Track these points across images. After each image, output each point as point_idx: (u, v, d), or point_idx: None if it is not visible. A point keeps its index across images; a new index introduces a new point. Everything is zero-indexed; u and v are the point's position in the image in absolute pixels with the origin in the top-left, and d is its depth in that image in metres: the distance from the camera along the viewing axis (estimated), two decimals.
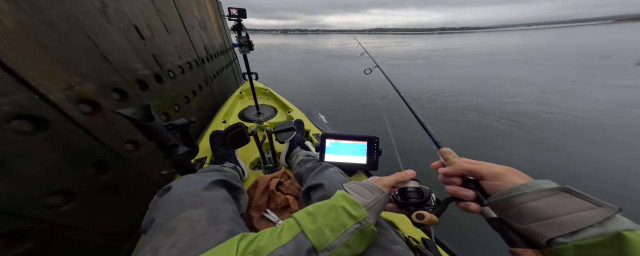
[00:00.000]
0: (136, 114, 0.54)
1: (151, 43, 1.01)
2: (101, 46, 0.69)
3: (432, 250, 0.55)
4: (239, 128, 0.74)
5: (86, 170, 0.57)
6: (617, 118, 2.55)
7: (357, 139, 0.80)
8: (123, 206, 0.70)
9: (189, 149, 0.66)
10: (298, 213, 0.37)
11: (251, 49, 1.09)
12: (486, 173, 0.30)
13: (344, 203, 0.35)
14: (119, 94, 0.75)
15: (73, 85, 0.57)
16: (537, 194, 0.24)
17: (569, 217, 0.22)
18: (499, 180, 0.28)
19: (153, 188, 0.84)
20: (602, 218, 0.20)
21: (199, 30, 1.81)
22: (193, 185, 0.46)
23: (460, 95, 3.61)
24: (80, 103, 0.59)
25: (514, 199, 0.25)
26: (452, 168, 0.35)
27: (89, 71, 0.63)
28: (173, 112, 1.12)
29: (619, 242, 0.19)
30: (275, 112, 1.64)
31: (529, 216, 0.24)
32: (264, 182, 0.73)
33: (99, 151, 0.63)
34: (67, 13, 0.58)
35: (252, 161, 1.08)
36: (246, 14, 1.00)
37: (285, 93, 1.93)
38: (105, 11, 0.74)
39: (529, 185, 0.25)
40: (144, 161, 0.81)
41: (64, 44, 0.56)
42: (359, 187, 0.40)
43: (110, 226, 0.65)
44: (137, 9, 0.94)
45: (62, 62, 0.56)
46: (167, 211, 0.39)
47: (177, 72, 1.25)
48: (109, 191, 0.64)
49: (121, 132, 0.72)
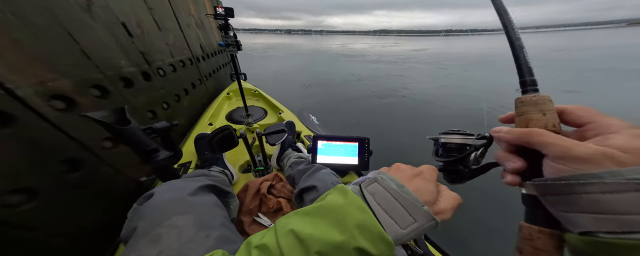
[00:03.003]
0: (108, 117, 0.51)
1: (140, 40, 1.01)
2: (82, 42, 0.69)
3: (422, 247, 0.56)
4: (226, 130, 0.72)
5: (54, 168, 0.57)
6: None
7: (348, 140, 0.81)
8: (95, 205, 0.69)
9: (171, 153, 0.62)
10: (283, 234, 0.23)
11: (239, 49, 1.08)
12: (557, 154, 0.20)
13: (363, 241, 0.22)
14: (99, 91, 0.75)
15: (45, 81, 0.57)
16: (621, 186, 0.16)
17: (632, 217, 0.16)
18: (574, 166, 0.18)
19: (132, 186, 0.83)
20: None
21: (196, 29, 1.81)
22: (178, 191, 0.42)
23: None
24: (53, 99, 0.59)
25: (575, 187, 0.18)
26: (508, 132, 0.24)
27: (65, 67, 0.63)
28: (161, 110, 1.12)
29: None
30: (265, 114, 1.61)
31: (579, 206, 0.18)
32: (255, 185, 0.72)
33: (71, 148, 0.62)
34: (43, 8, 0.58)
35: (241, 164, 1.06)
36: (234, 13, 0.99)
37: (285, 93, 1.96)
38: (89, 8, 0.74)
39: (620, 172, 0.16)
40: (124, 159, 0.80)
41: (38, 39, 0.56)
42: (389, 198, 0.25)
43: (78, 226, 0.64)
44: (126, 7, 0.94)
45: (35, 57, 0.55)
46: (151, 219, 0.35)
47: (168, 70, 1.25)
48: (78, 189, 0.63)
49: (98, 128, 0.71)
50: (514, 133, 0.23)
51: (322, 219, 0.24)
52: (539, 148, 0.21)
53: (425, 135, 0.38)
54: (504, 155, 0.25)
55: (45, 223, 0.55)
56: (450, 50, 13.54)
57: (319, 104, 3.23)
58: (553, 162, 0.20)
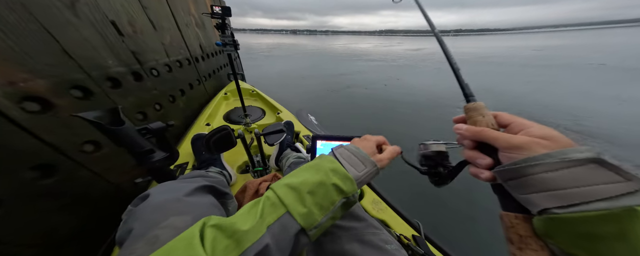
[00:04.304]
0: (101, 118, 0.49)
1: (132, 40, 0.98)
2: (63, 41, 0.65)
3: (422, 247, 0.56)
4: (224, 131, 0.70)
5: (22, 175, 0.53)
6: None
7: (347, 139, 0.82)
8: (71, 212, 0.65)
9: (166, 154, 0.60)
10: (278, 187, 0.32)
11: (237, 49, 1.06)
12: (503, 145, 0.25)
13: (335, 179, 0.32)
14: (81, 92, 0.71)
15: (16, 82, 0.53)
16: (557, 165, 0.20)
17: (581, 190, 0.19)
18: (517, 153, 0.23)
19: (113, 191, 0.80)
20: (621, 192, 0.18)
21: (195, 28, 1.79)
22: (174, 192, 0.41)
23: None
24: (25, 101, 0.55)
25: (526, 169, 0.22)
26: (467, 130, 0.30)
27: (41, 67, 0.59)
28: (153, 111, 1.08)
29: (629, 218, 0.17)
30: (263, 114, 1.59)
31: (532, 187, 0.22)
32: (254, 185, 0.69)
33: (45, 153, 0.58)
34: (17, 4, 0.54)
35: (239, 165, 1.05)
36: (231, 12, 0.97)
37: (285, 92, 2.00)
38: (73, 5, 0.71)
39: (552, 154, 0.21)
40: (107, 163, 0.76)
41: (9, 37, 0.52)
42: (350, 155, 0.37)
43: (52, 235, 0.60)
44: (117, 5, 0.91)
45: (4, 57, 0.52)
46: (147, 221, 0.34)
47: (163, 70, 1.22)
48: (51, 197, 0.59)
49: (78, 132, 0.68)
50: (472, 130, 0.29)
51: (306, 172, 0.34)
52: (492, 142, 0.26)
53: (422, 135, 0.49)
54: (473, 154, 0.29)
55: (11, 235, 0.51)
56: (453, 50, 13.51)
57: (319, 106, 3.21)
58: (503, 152, 0.25)
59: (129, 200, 0.41)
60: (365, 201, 0.79)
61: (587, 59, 8.24)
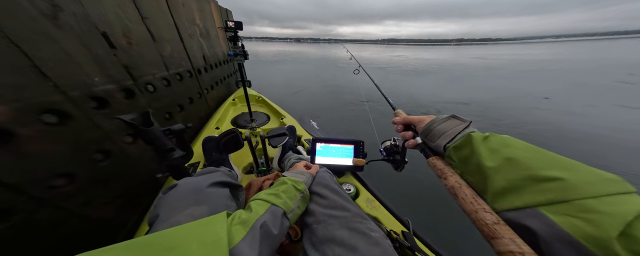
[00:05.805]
0: (136, 120, 0.58)
1: (125, 53, 0.88)
2: (36, 56, 0.55)
3: (410, 241, 0.61)
4: (233, 133, 0.78)
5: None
6: None
7: (344, 142, 0.88)
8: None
9: (184, 153, 0.68)
10: (260, 195, 0.47)
11: (246, 58, 1.13)
12: (416, 120, 0.48)
13: (299, 186, 0.55)
14: (56, 116, 0.61)
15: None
16: (440, 121, 0.41)
17: (451, 130, 0.38)
18: (423, 123, 0.45)
19: (87, 229, 0.68)
20: (462, 128, 0.38)
21: (200, 38, 1.71)
22: (197, 183, 0.48)
23: None
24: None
25: (430, 126, 0.42)
26: (398, 118, 0.53)
27: (2, 89, 0.49)
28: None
29: (469, 139, 0.35)
30: (268, 119, 1.66)
31: (436, 135, 0.40)
32: (258, 183, 0.73)
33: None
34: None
35: (244, 166, 1.11)
36: (242, 27, 1.03)
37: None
38: (56, 16, 0.61)
39: (438, 117, 0.43)
40: (80, 198, 0.65)
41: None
42: (295, 174, 0.61)
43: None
44: (111, 15, 0.82)
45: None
46: (171, 207, 0.41)
47: (160, 84, 1.12)
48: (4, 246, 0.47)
49: (48, 165, 0.56)
50: (401, 118, 0.52)
51: (280, 186, 0.52)
52: (411, 121, 0.50)
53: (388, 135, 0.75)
54: (404, 133, 0.50)
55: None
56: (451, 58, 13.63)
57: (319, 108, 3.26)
58: (417, 125, 0.47)
59: None
60: (360, 200, 0.83)
61: None
